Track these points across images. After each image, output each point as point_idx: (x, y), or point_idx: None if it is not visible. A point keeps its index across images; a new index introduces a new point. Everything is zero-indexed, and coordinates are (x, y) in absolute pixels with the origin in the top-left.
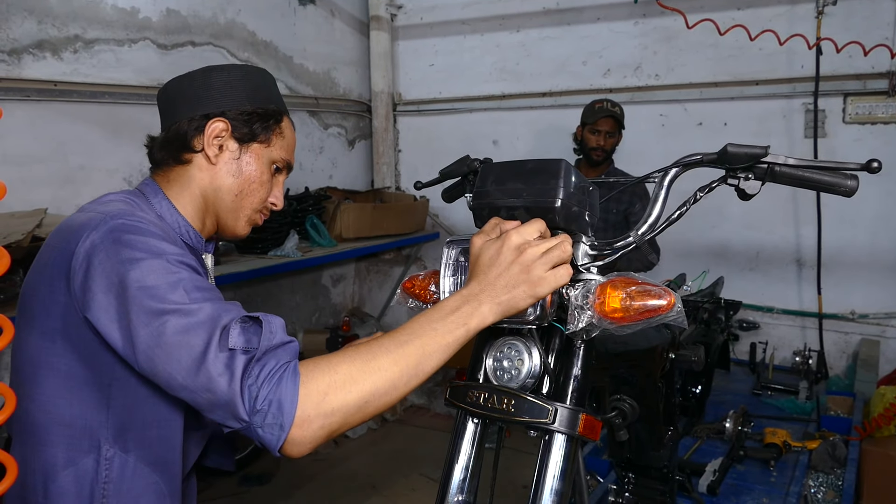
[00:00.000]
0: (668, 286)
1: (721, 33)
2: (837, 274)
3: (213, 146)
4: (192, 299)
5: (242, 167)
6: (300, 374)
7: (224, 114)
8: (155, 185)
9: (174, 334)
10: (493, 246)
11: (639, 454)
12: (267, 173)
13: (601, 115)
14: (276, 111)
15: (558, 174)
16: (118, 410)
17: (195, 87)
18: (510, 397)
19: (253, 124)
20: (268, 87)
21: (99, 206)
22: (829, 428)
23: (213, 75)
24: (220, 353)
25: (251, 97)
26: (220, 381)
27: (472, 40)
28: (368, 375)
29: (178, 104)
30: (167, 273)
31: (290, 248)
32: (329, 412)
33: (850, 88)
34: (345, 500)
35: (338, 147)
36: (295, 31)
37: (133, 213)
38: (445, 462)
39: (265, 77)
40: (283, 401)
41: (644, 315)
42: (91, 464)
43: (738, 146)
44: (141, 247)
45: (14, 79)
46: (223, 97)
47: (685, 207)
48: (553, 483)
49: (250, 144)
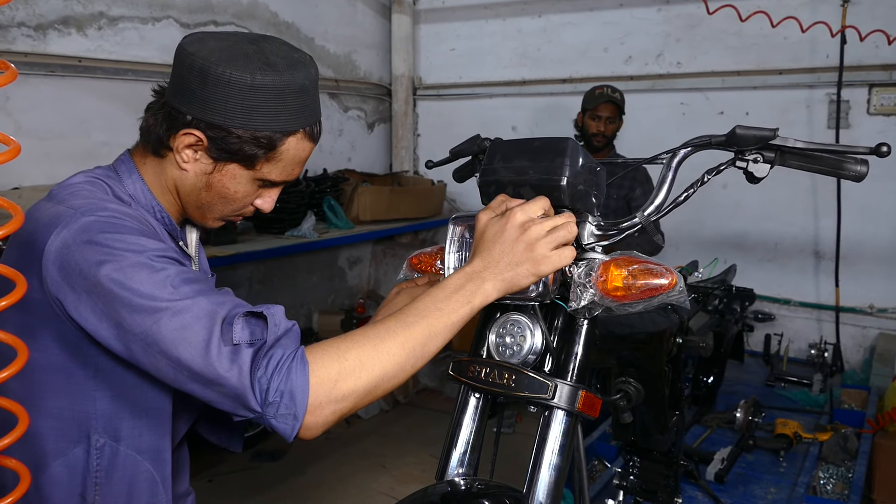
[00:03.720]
0: (680, 273)
1: (742, 20)
2: (857, 267)
3: (182, 154)
4: (184, 294)
5: (213, 183)
6: (309, 363)
7: (201, 126)
8: (131, 164)
9: (171, 332)
10: (498, 223)
11: (643, 437)
12: (245, 189)
13: (601, 101)
14: (269, 140)
15: (564, 152)
16: (106, 400)
17: (193, 75)
18: (511, 372)
19: (234, 147)
20: (279, 105)
21: (68, 193)
22: (842, 421)
23: (211, 75)
24: (223, 347)
25: (246, 117)
26: (229, 376)
27: (494, 25)
28: (377, 360)
29: (175, 81)
30: (151, 271)
31: (306, 229)
32: (340, 398)
33: (875, 79)
34: (355, 479)
35: (357, 130)
36: (317, 13)
37: (104, 205)
38: (447, 436)
39: (281, 93)
40: (296, 391)
41: (646, 294)
42: (81, 454)
43: (747, 128)
44: (118, 246)
45: (40, 54)
46: (211, 105)
47: (692, 189)
48: (551, 458)
49: (227, 164)
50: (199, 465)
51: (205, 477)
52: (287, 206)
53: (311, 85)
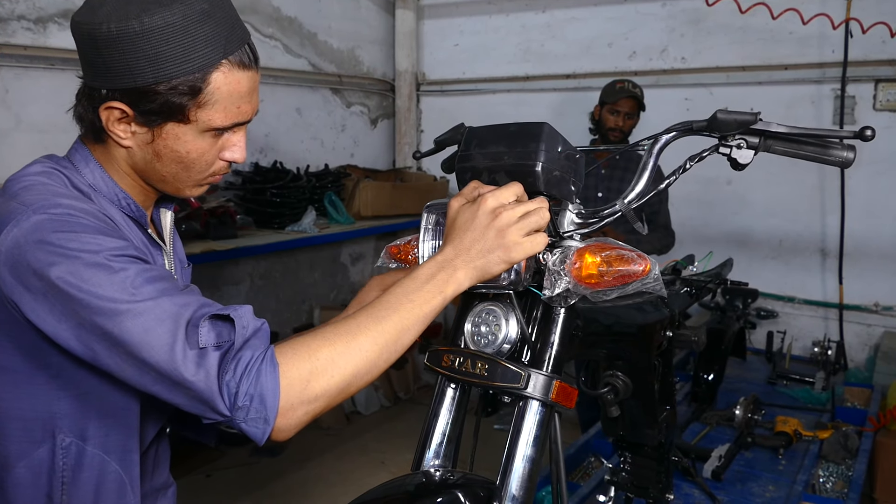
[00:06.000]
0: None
1: (742, 11)
2: (862, 265)
3: (116, 131)
4: (145, 295)
5: (160, 151)
6: (279, 364)
7: (116, 95)
8: (86, 151)
9: (133, 335)
10: (469, 209)
11: (632, 431)
12: (198, 146)
13: (622, 96)
14: (190, 85)
15: (539, 137)
16: (70, 400)
17: (87, 44)
18: (484, 362)
19: (156, 105)
20: (183, 43)
21: (21, 187)
22: (844, 419)
23: (100, 37)
24: (188, 350)
25: (153, 68)
26: (195, 380)
27: (498, 20)
28: (349, 358)
29: (81, 58)
30: (109, 272)
31: (307, 224)
32: (312, 398)
33: (881, 74)
34: (355, 475)
35: (360, 126)
36: (320, 8)
37: (57, 201)
38: (423, 427)
39: (181, 28)
40: (266, 394)
41: (619, 280)
42: (46, 454)
43: (728, 112)
44: (72, 246)
45: (40, 47)
46: (114, 69)
47: (674, 177)
48: (525, 449)
49: (163, 126)
50: (198, 459)
51: (203, 472)
52: (288, 200)
53: (213, 7)
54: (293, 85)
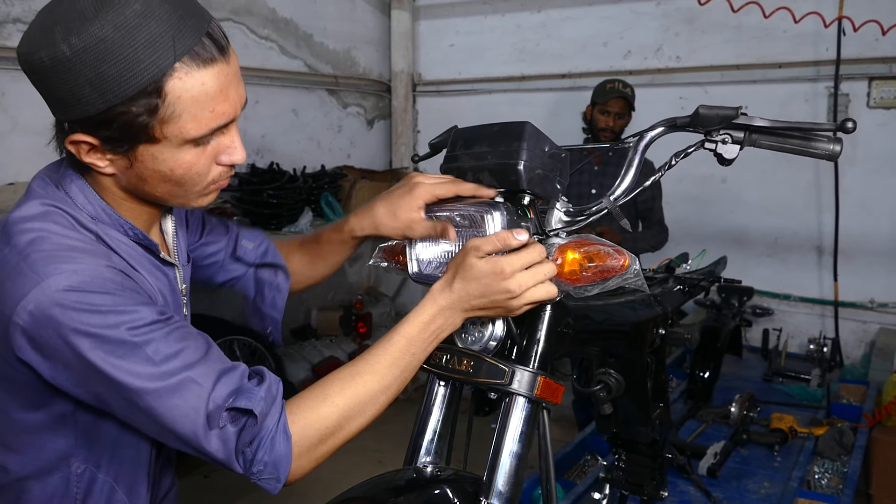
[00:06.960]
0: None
1: (734, 10)
2: (857, 262)
3: (92, 163)
4: (170, 372)
5: (143, 174)
6: (292, 435)
7: (76, 127)
8: (81, 182)
9: (160, 411)
10: (489, 276)
11: (626, 429)
12: (183, 161)
13: (612, 96)
14: (144, 101)
15: (522, 136)
16: (85, 432)
17: (34, 78)
18: (470, 358)
19: (118, 132)
20: (122, 56)
21: (26, 241)
22: (839, 415)
23: (36, 70)
24: (210, 430)
25: (99, 92)
26: (214, 451)
27: (493, 20)
28: (357, 419)
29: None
30: (132, 347)
31: (304, 225)
32: (319, 457)
33: (874, 72)
34: (352, 475)
35: (357, 126)
36: (316, 9)
37: (72, 267)
38: (414, 425)
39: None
40: (279, 462)
41: (599, 275)
42: (60, 480)
43: (710, 107)
44: (94, 321)
45: None
46: (64, 100)
47: (660, 173)
48: (512, 445)
49: (135, 149)
50: (197, 460)
51: (202, 472)
52: (284, 202)
53: (150, 5)
54: (289, 86)
